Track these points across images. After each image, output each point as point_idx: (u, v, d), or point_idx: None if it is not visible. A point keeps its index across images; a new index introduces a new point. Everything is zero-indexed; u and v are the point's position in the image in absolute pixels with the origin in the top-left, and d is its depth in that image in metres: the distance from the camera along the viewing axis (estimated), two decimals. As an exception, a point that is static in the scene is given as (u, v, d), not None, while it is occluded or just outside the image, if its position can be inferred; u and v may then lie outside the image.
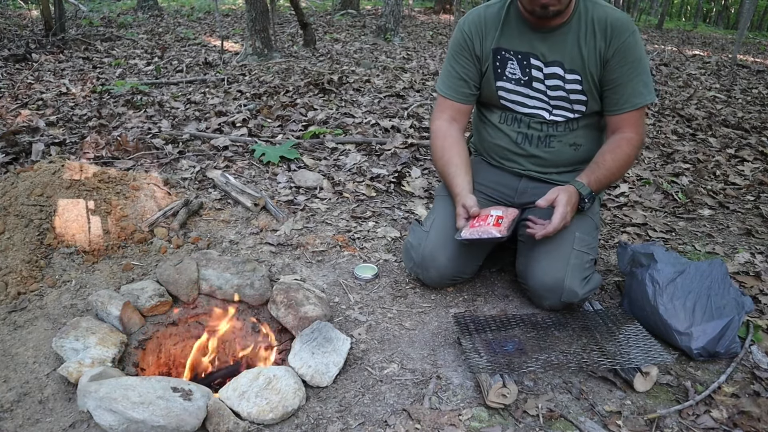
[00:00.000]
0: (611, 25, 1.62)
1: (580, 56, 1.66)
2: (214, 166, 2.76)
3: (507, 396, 1.35)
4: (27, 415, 1.32)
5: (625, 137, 1.70)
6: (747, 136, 3.87)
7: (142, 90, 4.30)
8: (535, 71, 1.71)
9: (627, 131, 1.70)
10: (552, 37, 1.67)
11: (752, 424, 1.34)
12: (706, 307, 1.55)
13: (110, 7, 11.31)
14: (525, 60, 1.71)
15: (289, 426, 1.30)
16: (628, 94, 1.66)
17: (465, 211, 1.66)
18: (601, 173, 1.68)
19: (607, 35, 1.63)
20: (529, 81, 1.73)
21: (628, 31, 1.63)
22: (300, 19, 6.75)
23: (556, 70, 1.69)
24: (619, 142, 1.70)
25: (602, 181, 1.69)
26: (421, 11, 13.69)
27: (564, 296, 1.64)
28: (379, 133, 3.47)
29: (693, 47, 10.19)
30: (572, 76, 1.68)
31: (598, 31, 1.64)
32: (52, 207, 1.91)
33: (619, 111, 1.69)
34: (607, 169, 1.68)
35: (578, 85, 1.69)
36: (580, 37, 1.65)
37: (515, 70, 1.73)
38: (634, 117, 1.70)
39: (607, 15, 1.64)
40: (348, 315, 1.73)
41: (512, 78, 1.74)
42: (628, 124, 1.70)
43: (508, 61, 1.73)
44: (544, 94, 1.73)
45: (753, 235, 2.40)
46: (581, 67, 1.66)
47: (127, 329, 1.60)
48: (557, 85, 1.70)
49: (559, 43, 1.66)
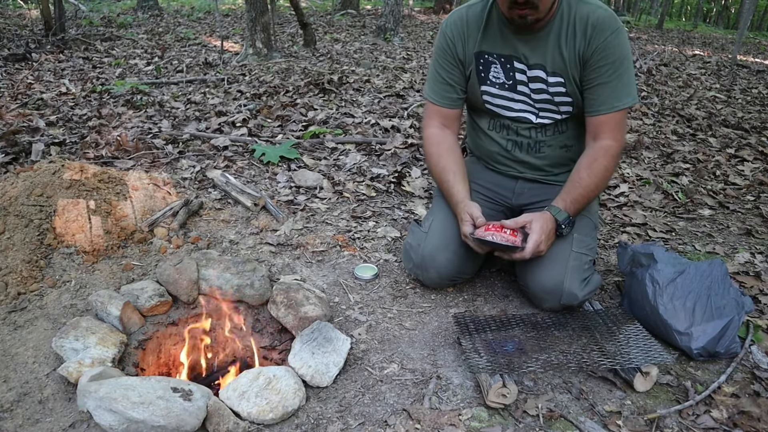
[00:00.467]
0: (592, 24, 1.56)
1: (561, 58, 1.61)
2: (214, 166, 2.76)
3: (507, 396, 1.35)
4: (27, 415, 1.32)
5: (603, 146, 1.63)
6: (747, 136, 3.87)
7: (142, 90, 4.30)
8: (519, 74, 1.68)
9: (605, 137, 1.63)
10: (533, 40, 1.63)
11: (752, 424, 1.34)
12: (706, 307, 1.55)
13: (110, 7, 11.31)
14: (508, 63, 1.68)
15: (289, 426, 1.30)
16: (607, 95, 1.60)
17: (471, 218, 1.64)
18: (578, 193, 1.63)
19: (587, 34, 1.57)
20: (513, 85, 1.70)
21: (610, 29, 1.56)
22: (300, 19, 6.75)
23: (539, 73, 1.65)
24: (595, 155, 1.64)
25: (580, 201, 1.64)
26: (421, 11, 13.69)
27: (563, 299, 1.64)
28: (379, 133, 3.47)
29: (693, 47, 10.19)
30: (555, 78, 1.64)
31: (579, 30, 1.58)
32: (52, 207, 1.91)
33: (597, 113, 1.63)
34: (584, 188, 1.63)
35: (562, 87, 1.65)
36: (561, 37, 1.60)
37: (499, 74, 1.70)
38: (613, 120, 1.62)
39: (589, 13, 1.57)
40: (348, 315, 1.73)
41: (496, 82, 1.72)
42: (607, 129, 1.63)
43: (491, 65, 1.70)
44: (528, 98, 1.70)
45: (753, 235, 2.40)
46: (563, 69, 1.62)
47: (127, 329, 1.60)
48: (541, 88, 1.67)
49: (540, 46, 1.62)
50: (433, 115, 1.84)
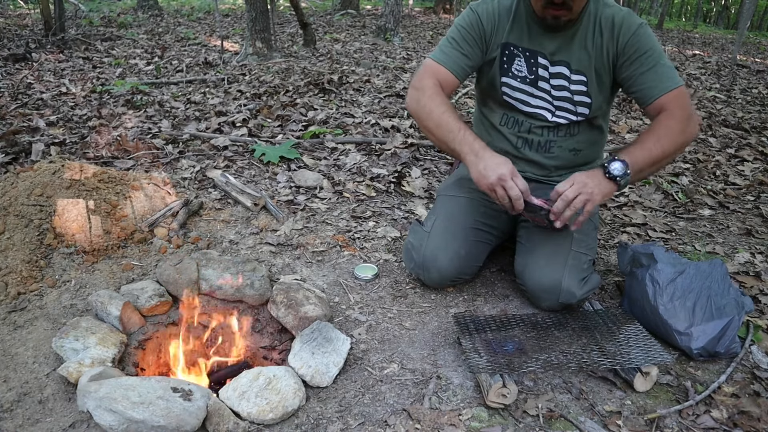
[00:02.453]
0: (617, 23, 1.60)
1: (587, 56, 1.64)
2: (214, 165, 2.76)
3: (507, 396, 1.35)
4: (27, 415, 1.32)
5: (667, 114, 1.54)
6: (747, 136, 3.87)
7: (142, 90, 4.30)
8: (542, 70, 1.69)
9: (670, 109, 1.55)
10: (560, 37, 1.64)
11: (752, 424, 1.34)
12: (706, 307, 1.55)
13: (110, 6, 11.31)
14: (532, 58, 1.68)
15: (289, 426, 1.30)
16: (656, 79, 1.55)
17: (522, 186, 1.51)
18: (643, 152, 1.52)
19: (614, 33, 1.60)
20: (534, 80, 1.70)
21: (636, 23, 1.58)
22: (300, 19, 6.75)
23: (562, 69, 1.67)
24: (660, 119, 1.55)
25: (645, 159, 1.52)
26: (421, 11, 13.69)
27: (561, 297, 1.64)
28: (379, 133, 3.47)
29: (693, 47, 10.19)
30: (578, 77, 1.66)
31: (605, 30, 1.61)
32: (52, 207, 1.91)
33: (653, 98, 1.56)
34: (649, 148, 1.52)
35: (583, 86, 1.66)
36: (587, 37, 1.63)
37: (522, 67, 1.70)
38: (675, 99, 1.54)
39: (613, 14, 1.61)
40: (348, 315, 1.73)
41: (518, 75, 1.72)
42: (670, 108, 1.54)
43: (515, 57, 1.70)
44: (548, 94, 1.71)
45: (753, 235, 2.40)
46: (587, 68, 1.64)
47: (127, 329, 1.60)
48: (562, 85, 1.68)
49: (566, 44, 1.65)
50: (434, 74, 1.68)
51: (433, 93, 1.64)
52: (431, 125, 1.63)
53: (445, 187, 1.95)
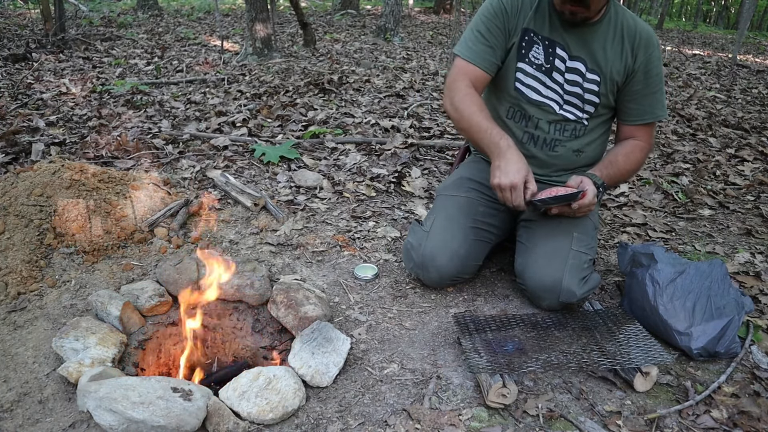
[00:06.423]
0: (639, 37, 1.66)
1: (604, 58, 1.67)
2: (214, 165, 2.76)
3: (507, 396, 1.35)
4: (27, 415, 1.32)
5: (639, 145, 1.76)
6: (747, 136, 3.87)
7: (142, 90, 4.30)
8: (558, 61, 1.71)
9: (641, 140, 1.77)
10: (580, 33, 1.67)
11: (752, 424, 1.34)
12: (706, 307, 1.55)
13: (110, 6, 11.31)
14: (551, 47, 1.70)
15: (289, 426, 1.30)
16: (649, 105, 1.73)
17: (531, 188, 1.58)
18: (613, 171, 1.72)
19: (635, 46, 1.66)
20: (550, 69, 1.72)
21: (653, 45, 1.68)
22: (300, 19, 6.75)
23: (579, 65, 1.70)
24: (633, 148, 1.76)
25: (613, 179, 1.74)
26: (421, 11, 13.69)
27: (562, 296, 1.64)
28: (379, 133, 3.47)
29: (693, 47, 10.19)
30: (593, 75, 1.69)
31: (626, 39, 1.66)
32: (52, 207, 1.91)
33: (638, 121, 1.75)
34: (619, 170, 1.74)
35: (596, 86, 1.70)
36: (608, 39, 1.67)
37: (539, 55, 1.71)
38: (650, 128, 1.77)
39: (636, 25, 1.67)
40: (348, 315, 1.73)
41: (534, 62, 1.72)
42: (644, 135, 1.77)
43: (534, 44, 1.71)
44: (561, 87, 1.73)
45: (753, 235, 2.40)
46: (603, 69, 1.68)
47: (127, 329, 1.60)
48: (576, 80, 1.71)
49: (586, 41, 1.68)
50: (466, 74, 1.72)
51: (464, 94, 1.68)
52: (465, 126, 1.69)
53: (445, 187, 1.95)
